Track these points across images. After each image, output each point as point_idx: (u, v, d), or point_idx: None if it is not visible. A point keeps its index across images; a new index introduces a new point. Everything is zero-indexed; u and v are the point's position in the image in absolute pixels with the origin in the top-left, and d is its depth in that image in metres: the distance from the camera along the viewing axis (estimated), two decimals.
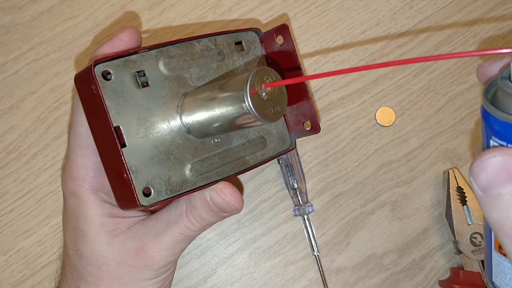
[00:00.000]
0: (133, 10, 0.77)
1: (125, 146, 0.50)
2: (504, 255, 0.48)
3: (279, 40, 0.62)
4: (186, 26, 0.78)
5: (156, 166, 0.52)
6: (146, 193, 0.51)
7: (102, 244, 0.57)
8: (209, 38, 0.58)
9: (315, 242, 0.74)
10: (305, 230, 0.75)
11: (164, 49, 0.55)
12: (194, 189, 0.54)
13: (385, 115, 0.78)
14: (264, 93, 0.49)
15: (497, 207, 0.38)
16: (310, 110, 0.62)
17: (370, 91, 0.79)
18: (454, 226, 0.73)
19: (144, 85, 0.53)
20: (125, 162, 0.49)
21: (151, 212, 0.63)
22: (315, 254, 0.75)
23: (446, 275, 0.76)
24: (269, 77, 0.49)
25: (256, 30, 0.63)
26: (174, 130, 0.54)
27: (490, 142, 0.41)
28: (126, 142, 0.50)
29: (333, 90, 0.78)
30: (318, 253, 0.75)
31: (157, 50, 0.54)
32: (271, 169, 0.76)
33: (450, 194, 0.74)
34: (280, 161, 0.75)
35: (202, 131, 0.54)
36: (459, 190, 0.74)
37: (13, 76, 0.74)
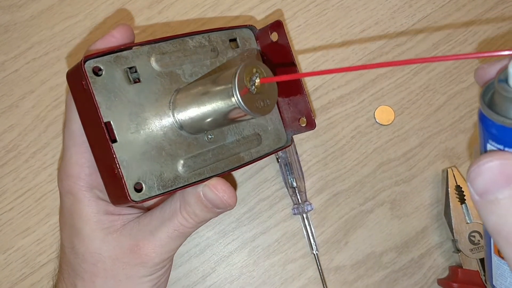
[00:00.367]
0: (132, 9, 0.78)
1: (115, 141, 0.50)
2: (503, 259, 0.47)
3: (274, 36, 0.62)
4: (185, 24, 0.78)
5: (147, 161, 0.52)
6: (137, 188, 0.51)
7: (97, 241, 0.57)
8: (202, 35, 0.58)
9: (314, 241, 0.74)
10: (304, 229, 0.75)
11: (156, 45, 0.55)
12: (187, 185, 0.54)
13: (384, 114, 0.78)
14: (253, 86, 0.49)
15: (494, 212, 0.37)
16: (305, 107, 0.62)
17: (369, 90, 0.79)
18: (452, 224, 0.73)
19: (135, 81, 0.53)
20: (115, 158, 0.49)
21: (147, 209, 0.63)
22: (314, 252, 0.74)
23: (445, 274, 0.76)
24: (258, 70, 0.49)
25: (251, 27, 0.63)
26: (167, 126, 0.54)
27: (488, 145, 0.41)
28: (117, 137, 0.50)
29: (332, 89, 0.78)
30: (317, 251, 0.74)
31: (149, 46, 0.54)
32: (270, 167, 0.76)
33: (449, 192, 0.74)
34: (279, 159, 0.75)
35: (195, 127, 0.54)
36: (458, 188, 0.74)
37: (12, 75, 0.75)
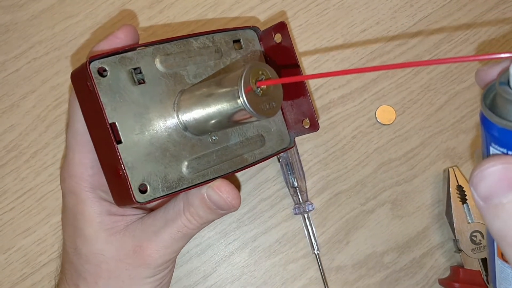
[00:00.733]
0: (133, 8, 0.77)
1: (120, 142, 0.50)
2: (507, 262, 0.47)
3: (277, 38, 0.62)
4: (186, 24, 0.78)
5: (152, 163, 0.52)
6: (142, 189, 0.51)
7: (100, 242, 0.57)
8: (206, 36, 0.58)
9: (315, 241, 0.74)
10: (305, 229, 0.75)
11: (160, 46, 0.55)
12: (191, 186, 0.54)
13: (385, 114, 0.78)
14: (259, 88, 0.49)
15: (499, 217, 0.37)
16: (309, 108, 0.62)
17: (370, 90, 0.79)
18: (454, 224, 0.73)
19: (140, 82, 0.53)
20: (120, 159, 0.49)
21: (150, 210, 0.63)
22: (315, 252, 0.74)
23: (446, 274, 0.76)
24: (263, 72, 0.49)
25: (254, 28, 0.63)
26: (171, 127, 0.54)
27: (490, 149, 0.40)
28: (122, 138, 0.50)
29: (333, 88, 0.78)
30: (318, 251, 0.75)
31: (153, 47, 0.54)
32: (271, 167, 0.76)
33: (450, 192, 0.74)
34: (280, 159, 0.75)
35: (199, 128, 0.54)
36: (459, 188, 0.74)
37: (13, 74, 0.74)
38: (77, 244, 0.58)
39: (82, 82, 0.50)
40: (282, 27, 0.61)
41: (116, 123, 0.50)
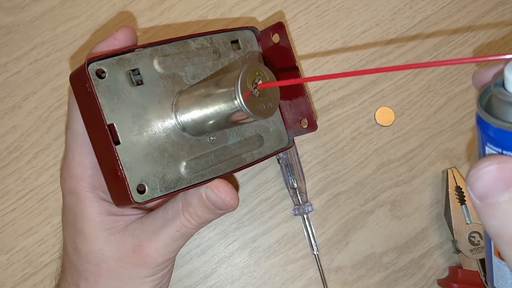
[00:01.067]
0: (134, 10, 0.78)
1: (119, 143, 0.51)
2: (503, 260, 0.48)
3: (275, 38, 0.62)
4: (187, 26, 0.78)
5: (150, 163, 0.52)
6: (140, 190, 0.51)
7: (100, 241, 0.58)
8: (204, 37, 0.59)
9: (315, 241, 0.75)
10: (304, 230, 0.75)
11: (158, 47, 0.55)
12: (189, 186, 0.55)
13: (384, 115, 0.78)
14: (256, 89, 0.49)
15: (495, 216, 0.38)
16: (307, 108, 0.62)
17: (369, 91, 0.79)
18: (452, 225, 0.74)
19: (138, 83, 0.53)
20: (119, 159, 0.50)
21: (149, 210, 0.63)
22: (315, 253, 0.75)
23: (445, 274, 0.76)
24: (260, 73, 0.50)
25: (252, 29, 0.63)
26: (169, 128, 0.54)
27: (486, 149, 0.41)
28: (120, 139, 0.51)
29: (333, 90, 0.78)
30: (317, 252, 0.75)
31: (151, 49, 0.55)
32: (271, 168, 0.77)
33: (449, 193, 0.74)
34: (280, 160, 0.75)
35: (197, 129, 0.54)
36: (458, 189, 0.74)
37: (15, 76, 0.75)
38: (77, 244, 0.59)
39: (81, 84, 0.51)
40: (280, 27, 0.61)
41: (114, 124, 0.51)
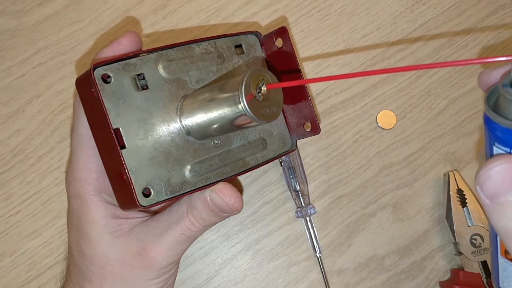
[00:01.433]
0: (137, 14, 0.78)
1: (124, 147, 0.51)
2: (510, 260, 0.48)
3: (279, 42, 0.62)
4: (189, 30, 0.78)
5: (155, 167, 0.53)
6: (145, 193, 0.52)
7: (104, 244, 0.58)
8: (208, 42, 0.59)
9: (317, 244, 0.75)
10: (307, 232, 0.76)
11: (163, 52, 0.55)
12: (194, 189, 0.55)
13: (386, 118, 0.78)
14: (259, 94, 0.49)
15: (504, 215, 0.38)
16: (310, 112, 0.62)
17: (371, 94, 0.79)
18: (454, 227, 0.74)
19: (143, 88, 0.53)
20: (124, 163, 0.50)
21: (154, 213, 0.63)
22: (317, 255, 0.75)
23: (447, 276, 0.77)
24: (264, 78, 0.50)
25: (256, 33, 0.63)
26: (174, 132, 0.54)
27: (494, 149, 0.41)
28: (126, 143, 0.51)
29: (334, 93, 0.79)
30: (320, 254, 0.75)
31: (156, 54, 0.55)
32: (274, 171, 0.77)
33: (451, 196, 0.75)
34: (282, 163, 0.75)
35: (202, 133, 0.54)
36: (459, 192, 0.74)
37: (19, 79, 0.75)
38: (82, 246, 0.59)
39: (87, 89, 0.51)
40: (283, 32, 0.61)
41: (120, 129, 0.51)
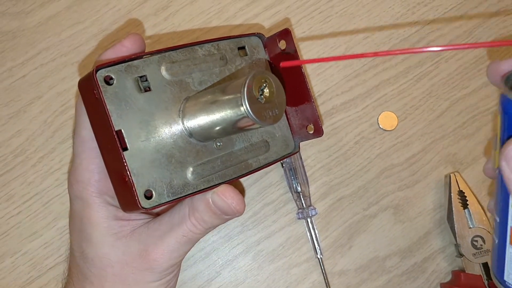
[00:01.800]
0: (139, 16, 0.78)
1: (126, 149, 0.51)
2: None
3: (282, 44, 0.62)
4: (191, 31, 0.78)
5: (157, 169, 0.53)
6: (147, 195, 0.52)
7: (106, 246, 0.58)
8: (211, 43, 0.59)
9: (318, 245, 0.75)
10: (308, 233, 0.76)
11: (166, 54, 0.55)
12: (196, 192, 0.55)
13: (387, 120, 0.78)
14: (262, 96, 0.49)
15: None
16: (313, 114, 0.62)
17: (372, 96, 0.79)
18: (455, 229, 0.74)
19: (146, 89, 0.53)
20: (126, 165, 0.50)
21: (156, 214, 0.63)
22: (318, 256, 0.75)
23: (448, 278, 0.77)
24: (267, 80, 0.50)
25: (259, 35, 0.63)
26: (176, 134, 0.54)
27: None
28: (128, 145, 0.51)
29: (336, 95, 0.79)
30: (321, 255, 0.75)
31: (159, 55, 0.55)
32: (275, 172, 0.77)
33: (452, 197, 0.75)
34: (283, 164, 0.75)
35: (204, 135, 0.54)
36: (461, 194, 0.74)
37: (20, 80, 0.75)
38: (83, 248, 0.59)
39: (89, 90, 0.51)
40: (286, 34, 0.61)
41: (122, 130, 0.51)
